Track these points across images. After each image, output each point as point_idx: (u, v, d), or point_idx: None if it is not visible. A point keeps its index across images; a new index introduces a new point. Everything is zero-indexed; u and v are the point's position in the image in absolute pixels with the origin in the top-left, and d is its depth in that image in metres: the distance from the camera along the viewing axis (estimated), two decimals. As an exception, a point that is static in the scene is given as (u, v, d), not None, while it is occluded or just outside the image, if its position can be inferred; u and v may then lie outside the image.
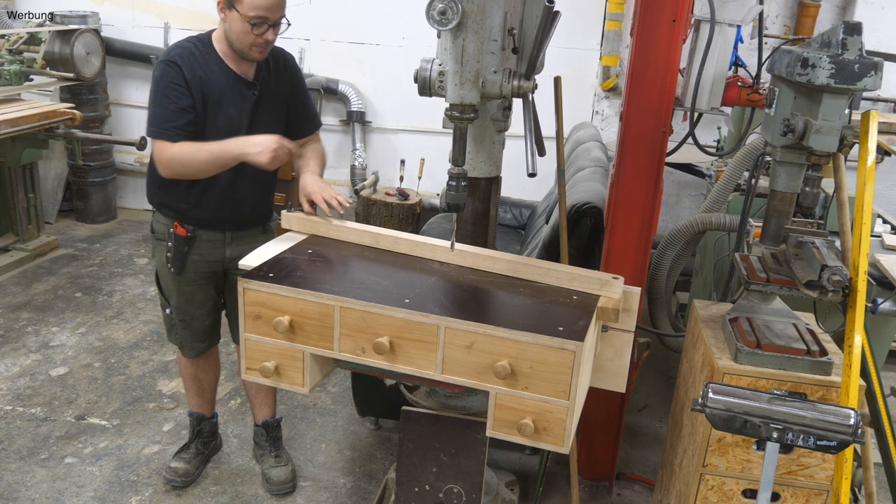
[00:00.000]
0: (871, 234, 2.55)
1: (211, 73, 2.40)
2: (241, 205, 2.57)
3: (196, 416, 2.96)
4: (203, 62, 2.39)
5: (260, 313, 1.94)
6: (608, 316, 1.94)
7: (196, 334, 2.75)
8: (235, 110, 2.45)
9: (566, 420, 1.76)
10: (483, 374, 1.80)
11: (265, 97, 2.51)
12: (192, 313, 2.69)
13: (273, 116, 2.54)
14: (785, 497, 2.11)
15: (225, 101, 2.43)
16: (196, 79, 2.37)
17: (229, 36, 2.36)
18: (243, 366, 2.02)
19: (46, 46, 4.87)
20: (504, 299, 1.97)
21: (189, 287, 2.63)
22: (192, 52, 2.39)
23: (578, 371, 1.71)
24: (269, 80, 2.52)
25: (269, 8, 2.29)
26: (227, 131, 2.41)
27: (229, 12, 2.32)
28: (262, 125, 2.48)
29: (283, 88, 2.56)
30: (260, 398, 2.95)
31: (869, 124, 1.96)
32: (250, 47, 2.35)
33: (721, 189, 3.29)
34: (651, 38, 2.42)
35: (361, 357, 1.89)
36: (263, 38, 2.33)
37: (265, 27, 2.32)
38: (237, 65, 2.44)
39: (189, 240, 2.55)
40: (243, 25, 2.30)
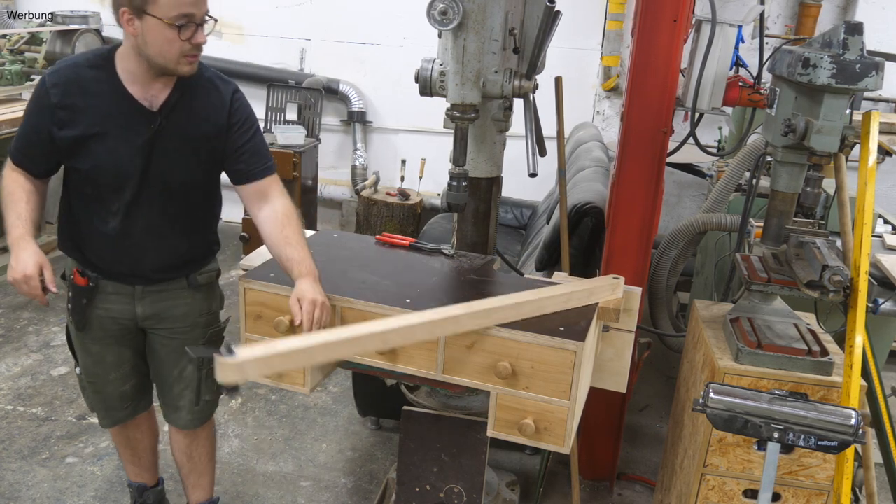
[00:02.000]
0: (872, 235, 2.55)
1: (97, 98, 1.93)
2: (138, 259, 2.08)
3: (137, 487, 2.51)
4: (90, 85, 1.93)
5: (261, 313, 1.94)
6: (609, 316, 1.94)
7: (108, 399, 2.26)
8: (124, 147, 1.95)
9: (567, 420, 1.76)
10: (484, 374, 1.80)
11: (170, 133, 1.98)
12: (102, 377, 2.21)
13: (184, 159, 2.02)
14: (786, 497, 2.11)
15: (111, 135, 1.94)
16: (67, 105, 1.91)
17: (147, 51, 1.87)
18: None
19: (48, 46, 4.88)
20: None
21: (96, 347, 2.17)
22: (79, 71, 1.94)
23: (579, 371, 1.71)
24: (183, 111, 1.99)
25: (193, 3, 1.84)
26: (115, 173, 1.97)
27: (141, 21, 1.83)
28: (165, 169, 2.01)
29: (206, 125, 2.02)
30: (192, 480, 2.45)
31: (870, 124, 1.96)
32: (179, 58, 1.88)
33: (722, 189, 3.29)
34: (652, 38, 2.42)
35: (362, 357, 1.89)
36: (194, 41, 1.87)
37: (193, 28, 1.86)
38: (142, 89, 1.94)
39: (89, 291, 2.09)
40: (166, 32, 1.82)
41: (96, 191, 2.01)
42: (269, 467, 3.02)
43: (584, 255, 3.00)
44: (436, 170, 5.19)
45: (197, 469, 2.43)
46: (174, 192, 2.06)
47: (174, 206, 2.08)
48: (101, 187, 2.00)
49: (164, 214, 2.07)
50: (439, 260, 2.17)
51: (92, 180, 2.00)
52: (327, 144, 5.53)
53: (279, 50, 5.46)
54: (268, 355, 1.60)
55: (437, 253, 2.22)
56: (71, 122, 1.93)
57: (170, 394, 2.28)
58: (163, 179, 2.02)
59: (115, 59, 1.96)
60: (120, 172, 1.98)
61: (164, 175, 2.02)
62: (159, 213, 2.06)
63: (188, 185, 2.08)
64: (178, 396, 2.27)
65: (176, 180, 2.05)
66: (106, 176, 1.98)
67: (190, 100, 2.01)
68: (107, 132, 1.94)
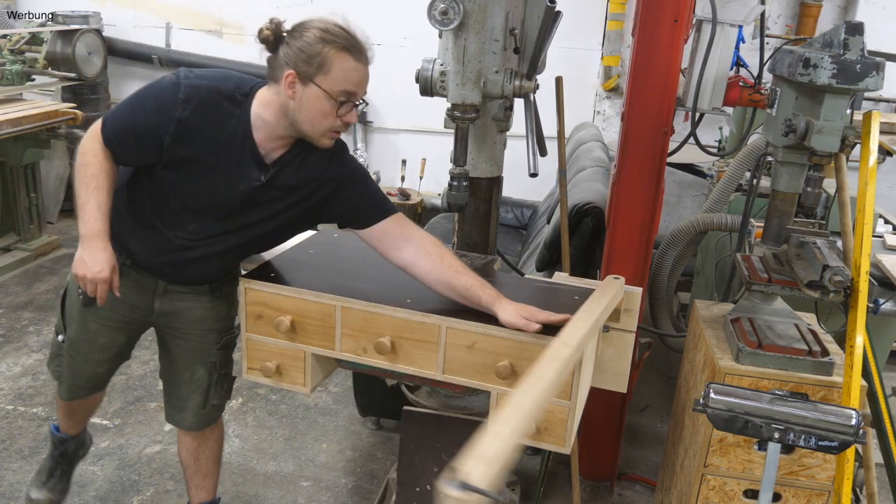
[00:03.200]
0: (873, 235, 2.55)
1: (223, 132, 1.86)
2: (184, 270, 2.05)
3: (59, 438, 2.52)
4: (222, 118, 1.85)
5: (261, 313, 1.94)
6: (610, 316, 1.94)
7: (78, 376, 2.22)
8: (227, 187, 1.90)
9: (567, 420, 1.76)
10: (484, 374, 1.80)
11: (274, 188, 1.94)
12: (85, 353, 2.17)
13: (279, 213, 1.98)
14: (786, 497, 2.11)
15: (219, 170, 1.88)
16: (194, 127, 1.83)
17: (296, 116, 1.81)
18: (244, 365, 2.02)
19: (48, 46, 4.88)
20: None
21: (95, 325, 2.12)
22: (218, 99, 1.85)
23: (580, 371, 1.71)
24: (292, 170, 1.94)
25: (359, 83, 1.83)
26: (207, 204, 1.93)
27: (304, 88, 1.78)
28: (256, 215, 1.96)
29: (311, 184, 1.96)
30: (197, 480, 2.40)
31: (870, 124, 1.96)
32: (326, 132, 1.85)
33: (722, 189, 3.29)
34: (653, 38, 2.42)
35: (363, 357, 1.89)
36: (346, 120, 1.85)
37: (350, 106, 1.84)
38: (266, 139, 1.88)
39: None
40: (324, 104, 1.79)
41: (180, 207, 1.95)
42: (269, 467, 3.02)
43: (584, 255, 3.00)
44: (436, 170, 5.20)
45: (202, 471, 2.40)
46: (254, 234, 2.03)
47: (247, 242, 2.05)
48: (186, 207, 1.95)
49: (234, 246, 2.03)
50: None
51: (181, 198, 1.94)
52: (328, 144, 5.53)
53: (280, 50, 5.45)
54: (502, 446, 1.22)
55: None
56: (187, 141, 1.84)
57: (177, 394, 2.26)
58: (249, 223, 1.99)
59: (253, 101, 1.87)
60: (211, 205, 1.94)
61: (252, 220, 1.98)
62: (231, 244, 2.02)
63: (270, 232, 2.05)
64: (186, 398, 2.25)
65: (261, 227, 2.01)
66: (196, 201, 1.94)
67: (305, 156, 1.95)
68: (217, 166, 1.88)
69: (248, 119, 1.86)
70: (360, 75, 1.82)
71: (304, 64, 1.77)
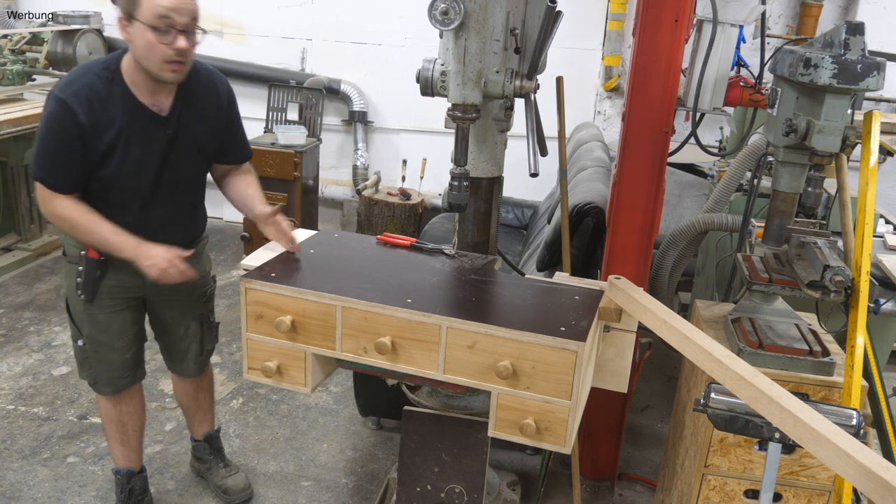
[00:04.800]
0: (874, 235, 2.55)
1: (114, 111, 2.04)
2: (157, 232, 2.20)
3: (125, 473, 2.61)
4: (105, 99, 2.03)
5: (262, 313, 1.94)
6: (610, 316, 1.93)
7: (112, 368, 2.41)
8: (144, 153, 2.12)
9: (568, 420, 1.76)
10: (485, 374, 1.80)
11: (183, 134, 2.16)
12: (108, 345, 2.36)
13: (193, 157, 2.25)
14: (787, 497, 2.11)
15: (132, 143, 2.08)
16: (94, 123, 2.01)
17: (137, 55, 2.00)
18: (245, 366, 2.02)
19: (49, 46, 4.88)
20: (506, 299, 1.97)
21: (103, 315, 2.32)
22: (94, 87, 2.02)
23: (580, 371, 1.71)
24: (190, 112, 2.17)
25: (173, 8, 1.94)
26: (137, 179, 2.14)
27: (130, 27, 1.96)
28: (178, 167, 2.21)
29: (208, 122, 2.22)
30: (199, 416, 2.77)
31: (871, 124, 1.96)
32: (161, 63, 1.98)
33: (723, 189, 3.29)
34: (653, 38, 2.42)
35: (363, 357, 1.89)
36: (174, 46, 1.96)
37: (173, 33, 1.96)
38: (150, 96, 2.08)
39: (102, 263, 2.23)
40: (147, 36, 1.94)
41: (117, 195, 2.15)
42: (270, 467, 3.02)
43: (585, 255, 3.00)
44: (437, 170, 5.20)
45: (202, 407, 2.76)
46: (185, 186, 2.30)
47: (184, 196, 2.31)
48: (122, 192, 2.15)
49: (175, 205, 2.29)
50: (440, 260, 2.17)
51: (114, 187, 2.14)
52: (328, 144, 5.53)
53: (280, 50, 5.46)
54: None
55: (439, 253, 2.21)
56: (98, 138, 2.04)
57: (176, 349, 2.57)
58: (175, 178, 2.23)
59: (122, 70, 2.06)
60: (141, 178, 2.15)
61: (176, 174, 2.22)
62: (172, 204, 2.27)
63: (196, 178, 2.34)
64: (186, 350, 2.56)
65: (187, 177, 2.29)
66: (127, 182, 2.14)
67: (195, 102, 2.18)
68: (129, 143, 2.08)
69: (126, 87, 2.06)
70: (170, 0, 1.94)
71: (126, 4, 1.96)
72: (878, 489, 1.25)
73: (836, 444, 1.33)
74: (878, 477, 1.26)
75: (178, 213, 2.32)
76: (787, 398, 1.48)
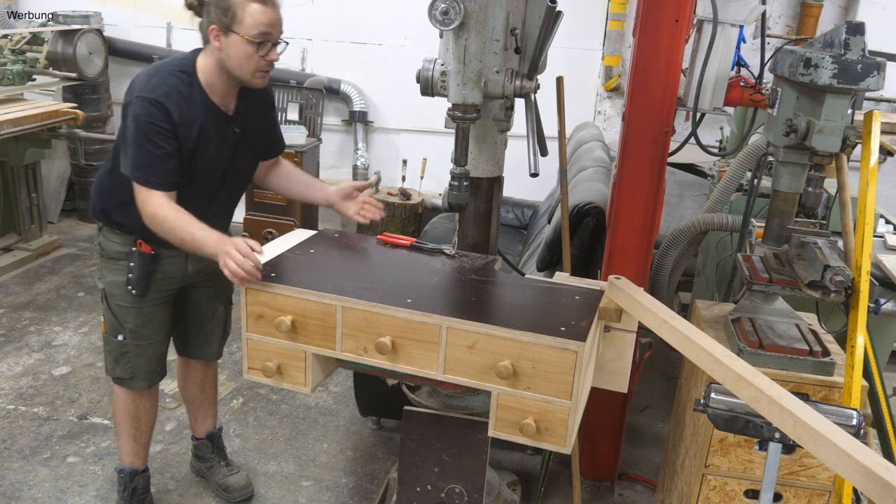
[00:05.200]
0: (874, 235, 2.55)
1: (196, 111, 2.19)
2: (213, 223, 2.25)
3: (129, 472, 2.63)
4: (188, 100, 2.17)
5: (262, 313, 1.94)
6: (610, 316, 1.93)
7: (151, 361, 2.49)
8: (217, 151, 2.27)
9: (568, 420, 1.76)
10: (485, 374, 1.80)
11: (245, 132, 2.35)
12: (149, 337, 2.45)
13: (251, 151, 2.43)
14: (787, 497, 2.11)
15: (210, 142, 2.24)
16: (183, 122, 2.16)
17: (227, 63, 2.15)
18: (245, 365, 2.02)
19: (49, 46, 4.88)
20: (506, 299, 1.97)
21: (149, 308, 2.41)
22: (179, 89, 2.16)
23: (580, 371, 1.71)
24: (247, 111, 2.35)
25: (271, 24, 2.12)
26: (211, 171, 2.30)
27: (226, 38, 2.12)
28: (242, 162, 2.39)
29: (258, 118, 2.41)
30: (203, 410, 2.82)
31: (871, 124, 1.96)
32: (254, 73, 2.17)
33: (723, 189, 3.29)
34: (653, 38, 2.42)
35: (363, 357, 1.89)
36: (268, 58, 2.16)
37: (269, 46, 2.15)
38: (220, 98, 2.25)
39: (155, 257, 2.33)
40: (246, 48, 2.11)
41: (190, 190, 2.25)
42: (270, 467, 3.02)
43: (585, 255, 3.00)
44: (437, 170, 5.19)
45: (208, 399, 2.82)
46: (242, 180, 2.47)
47: (238, 188, 2.49)
48: (197, 188, 2.27)
49: (232, 197, 2.48)
50: (440, 260, 2.17)
51: (192, 182, 2.25)
52: (329, 144, 5.53)
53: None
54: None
55: (439, 253, 2.22)
56: (186, 136, 2.17)
57: (201, 332, 2.65)
58: (236, 173, 2.39)
59: (198, 74, 2.21)
60: (213, 175, 2.31)
61: (238, 169, 2.39)
62: (229, 197, 2.45)
63: (251, 173, 2.50)
64: (210, 333, 2.66)
65: (246, 172, 2.47)
66: (202, 178, 2.28)
67: (252, 100, 2.35)
68: (207, 142, 2.23)
69: (203, 89, 2.21)
70: (269, 17, 2.11)
71: (222, 17, 2.10)
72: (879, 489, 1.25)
73: (836, 444, 1.33)
74: (878, 477, 1.25)
75: (231, 205, 2.50)
76: (787, 398, 1.48)
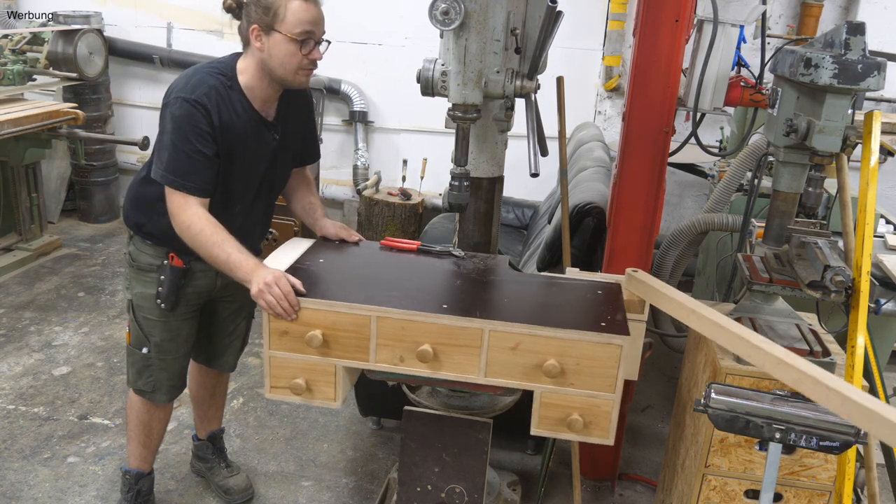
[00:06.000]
0: (874, 235, 2.55)
1: (236, 115, 2.11)
2: (249, 237, 2.26)
3: (135, 474, 2.59)
4: (229, 103, 2.10)
5: (287, 329, 1.88)
6: (636, 308, 1.97)
7: (173, 375, 2.43)
8: (255, 158, 2.20)
9: (612, 412, 1.80)
10: (529, 374, 1.81)
11: (284, 139, 2.27)
12: (174, 351, 2.39)
13: (289, 160, 2.35)
14: (787, 498, 2.11)
15: (248, 148, 2.16)
16: (223, 125, 2.08)
17: (270, 64, 2.08)
18: (267, 384, 1.97)
19: (49, 46, 4.88)
20: (536, 297, 1.98)
21: (177, 322, 2.34)
22: (219, 90, 2.08)
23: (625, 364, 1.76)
24: (287, 117, 2.27)
25: (314, 21, 2.06)
26: (245, 179, 2.22)
27: (268, 37, 2.05)
28: (279, 171, 2.32)
29: (298, 125, 2.33)
30: (211, 413, 2.80)
31: (872, 124, 1.96)
32: (297, 71, 2.09)
33: (724, 189, 3.29)
34: (654, 39, 2.42)
35: (399, 366, 1.87)
36: (311, 57, 2.09)
37: (312, 44, 2.07)
38: (261, 103, 2.17)
39: (186, 272, 2.27)
40: (289, 47, 2.04)
41: (226, 196, 2.19)
42: (270, 467, 3.02)
43: (585, 255, 3.00)
44: (437, 170, 5.19)
45: (216, 403, 2.80)
46: (277, 187, 2.39)
47: (274, 196, 2.41)
48: (232, 193, 2.20)
49: (268, 206, 2.40)
50: (452, 262, 2.18)
51: (228, 189, 2.18)
52: (329, 144, 5.53)
53: (281, 50, 5.45)
54: None
55: (447, 255, 2.22)
56: (225, 140, 2.10)
57: (219, 345, 2.60)
58: (273, 180, 2.32)
59: (238, 77, 2.14)
60: (250, 181, 2.23)
61: (275, 176, 2.32)
62: (266, 205, 2.38)
63: (286, 180, 2.42)
64: (228, 345, 2.61)
65: (282, 179, 2.39)
66: (239, 184, 2.20)
67: (293, 106, 2.28)
68: (245, 147, 2.15)
69: (243, 93, 2.14)
70: (311, 14, 2.05)
71: (263, 16, 2.04)
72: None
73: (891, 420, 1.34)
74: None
75: (267, 214, 2.41)
76: (831, 379, 1.49)
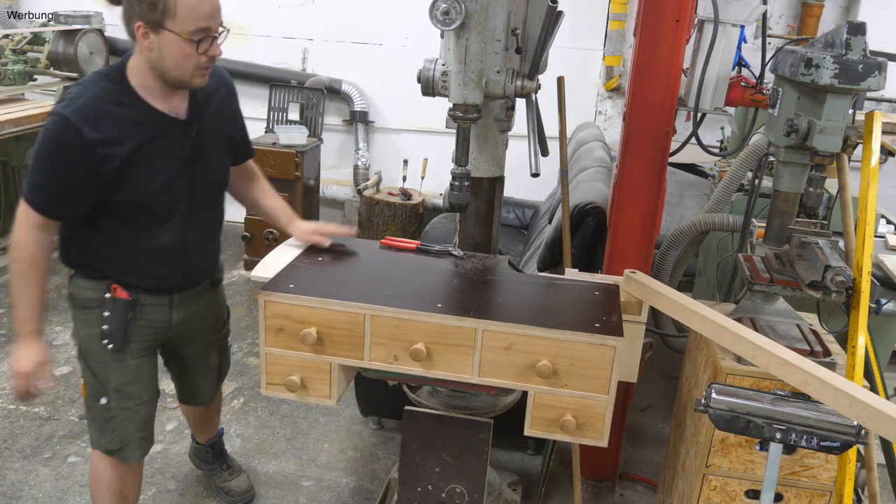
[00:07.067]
0: (875, 235, 2.55)
1: (128, 125, 1.86)
2: (190, 268, 2.13)
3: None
4: (117, 113, 1.85)
5: (283, 326, 1.89)
6: (632, 309, 1.96)
7: (141, 426, 2.16)
8: (169, 164, 1.94)
9: (605, 414, 1.79)
10: (522, 374, 1.80)
11: (204, 135, 2.01)
12: (137, 396, 2.12)
13: (217, 156, 2.10)
14: (788, 498, 2.11)
15: (156, 156, 1.91)
16: (105, 139, 1.82)
17: (162, 65, 1.83)
18: (263, 381, 1.97)
19: (50, 46, 4.88)
20: (532, 298, 1.98)
21: (134, 361, 2.09)
22: (102, 101, 1.84)
23: (618, 365, 1.75)
24: (206, 110, 2.02)
25: (210, 14, 1.81)
26: (169, 192, 1.96)
27: (158, 36, 1.78)
28: (208, 172, 2.06)
29: (222, 116, 2.10)
30: (206, 427, 2.72)
31: (872, 124, 1.96)
32: (193, 72, 1.85)
33: (724, 189, 3.29)
34: (654, 38, 2.42)
35: (394, 365, 1.87)
36: (209, 54, 1.85)
37: (209, 41, 1.84)
38: (164, 101, 1.91)
39: (132, 303, 2.03)
40: (183, 46, 1.79)
41: (150, 216, 1.98)
42: (270, 467, 3.03)
43: (586, 255, 3.00)
44: (438, 170, 5.19)
45: (210, 419, 2.72)
46: (214, 193, 2.15)
47: (214, 206, 2.17)
48: (155, 212, 1.98)
49: (208, 217, 2.15)
50: (452, 262, 2.18)
51: (146, 208, 1.96)
52: (329, 144, 5.54)
53: (281, 50, 5.46)
54: None
55: (446, 255, 2.22)
56: (111, 155, 1.84)
57: (193, 383, 2.45)
58: (206, 184, 2.07)
59: (128, 78, 1.89)
60: (173, 190, 1.97)
61: (208, 179, 2.08)
62: (205, 217, 2.13)
63: (222, 183, 2.18)
64: (203, 383, 2.46)
65: (218, 180, 2.15)
66: (160, 197, 1.96)
67: (209, 99, 2.05)
68: (152, 156, 1.91)
69: (136, 95, 1.88)
70: (206, 8, 1.80)
71: (149, 12, 1.76)
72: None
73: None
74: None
75: (210, 227, 2.17)
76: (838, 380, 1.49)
